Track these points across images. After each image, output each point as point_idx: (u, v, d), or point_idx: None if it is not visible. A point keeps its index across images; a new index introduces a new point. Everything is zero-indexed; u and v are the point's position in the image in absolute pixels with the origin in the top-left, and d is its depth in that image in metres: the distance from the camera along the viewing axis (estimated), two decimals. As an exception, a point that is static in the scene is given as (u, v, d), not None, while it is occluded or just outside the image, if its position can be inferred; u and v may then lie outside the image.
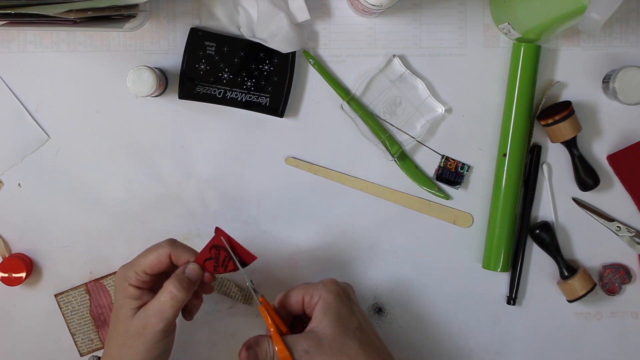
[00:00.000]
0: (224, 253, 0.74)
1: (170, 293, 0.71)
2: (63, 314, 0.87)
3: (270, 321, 0.73)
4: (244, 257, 0.75)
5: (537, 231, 0.85)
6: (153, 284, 0.75)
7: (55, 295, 0.87)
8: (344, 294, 0.76)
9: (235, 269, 0.74)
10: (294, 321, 0.78)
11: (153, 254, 0.74)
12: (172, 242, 0.75)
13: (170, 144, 0.86)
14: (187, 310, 0.78)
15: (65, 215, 0.86)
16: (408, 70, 0.86)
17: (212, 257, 0.74)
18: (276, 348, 0.71)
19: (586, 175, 0.85)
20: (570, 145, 0.85)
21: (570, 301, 0.85)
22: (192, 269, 0.73)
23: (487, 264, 0.85)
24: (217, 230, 0.74)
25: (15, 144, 0.86)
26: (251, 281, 0.75)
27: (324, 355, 0.71)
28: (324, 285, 0.75)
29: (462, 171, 0.86)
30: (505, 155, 0.84)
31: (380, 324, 0.88)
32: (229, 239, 0.74)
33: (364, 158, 0.86)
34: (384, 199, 0.87)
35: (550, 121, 0.83)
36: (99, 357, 0.79)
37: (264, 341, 0.73)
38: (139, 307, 0.73)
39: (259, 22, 0.83)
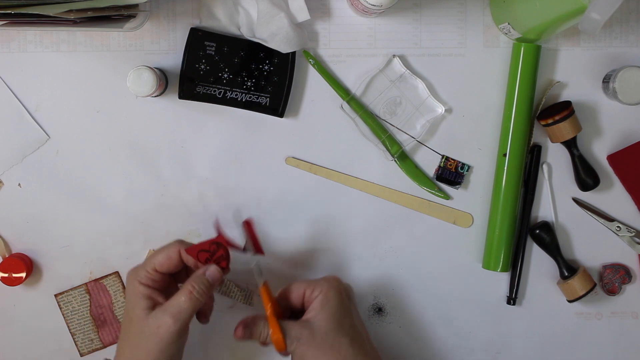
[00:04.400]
0: (222, 252, 0.75)
1: (189, 293, 0.72)
2: (63, 314, 0.87)
3: (267, 301, 0.74)
4: (256, 248, 0.78)
5: (537, 231, 0.85)
6: (163, 284, 0.76)
7: (55, 295, 0.87)
8: (345, 292, 0.77)
9: (226, 270, 0.76)
10: (290, 315, 0.78)
11: (162, 251, 0.75)
12: (181, 241, 0.77)
13: (170, 144, 0.86)
14: (202, 313, 0.78)
15: (65, 215, 0.86)
16: (408, 70, 0.86)
17: (208, 251, 0.75)
18: (271, 330, 0.72)
19: (586, 175, 0.85)
20: (570, 145, 0.85)
21: (570, 301, 0.85)
22: (212, 271, 0.74)
23: (487, 264, 0.85)
24: (246, 222, 0.77)
25: (15, 144, 0.86)
26: (257, 262, 0.76)
27: (315, 346, 0.72)
28: (326, 281, 0.76)
29: (462, 171, 0.86)
30: (505, 155, 0.84)
31: (380, 324, 0.88)
32: (251, 229, 0.77)
33: (364, 158, 0.86)
34: (384, 199, 0.87)
35: (550, 121, 0.83)
36: None
37: (260, 322, 0.74)
38: (151, 308, 0.73)
39: (259, 22, 0.83)
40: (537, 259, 0.87)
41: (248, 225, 0.77)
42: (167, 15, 0.86)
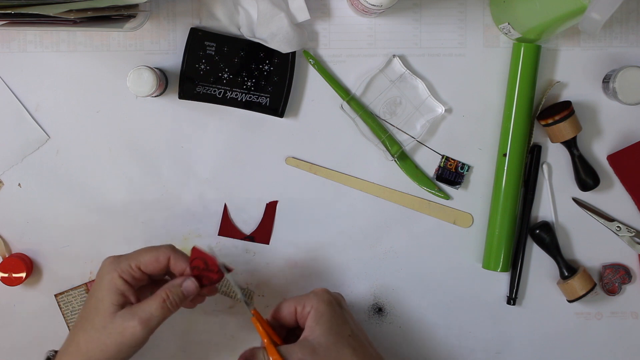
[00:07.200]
0: (215, 277, 0.74)
1: (162, 302, 0.71)
2: (63, 314, 0.87)
3: (262, 332, 0.73)
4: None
5: (537, 231, 0.85)
6: (141, 283, 0.74)
7: (55, 295, 0.87)
8: (336, 302, 0.76)
9: (206, 290, 0.75)
10: (287, 334, 0.77)
11: (152, 252, 0.74)
12: (173, 247, 0.75)
13: (170, 144, 0.86)
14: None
15: (65, 215, 0.86)
16: (408, 70, 0.86)
17: (205, 267, 0.74)
18: (271, 359, 0.71)
19: (586, 175, 0.85)
20: (570, 145, 0.85)
21: (570, 301, 0.85)
22: (189, 284, 0.73)
23: (487, 264, 0.85)
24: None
25: (15, 144, 0.86)
26: (242, 294, 0.74)
27: None
28: (315, 294, 0.75)
29: (462, 171, 0.86)
30: (505, 155, 0.84)
31: (380, 324, 0.88)
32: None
33: (364, 158, 0.86)
34: (384, 199, 0.87)
35: (550, 121, 0.83)
36: (57, 351, 0.77)
37: (259, 353, 0.72)
38: (121, 305, 0.72)
39: (259, 22, 0.83)
40: (537, 259, 0.87)
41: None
42: (167, 15, 0.86)
